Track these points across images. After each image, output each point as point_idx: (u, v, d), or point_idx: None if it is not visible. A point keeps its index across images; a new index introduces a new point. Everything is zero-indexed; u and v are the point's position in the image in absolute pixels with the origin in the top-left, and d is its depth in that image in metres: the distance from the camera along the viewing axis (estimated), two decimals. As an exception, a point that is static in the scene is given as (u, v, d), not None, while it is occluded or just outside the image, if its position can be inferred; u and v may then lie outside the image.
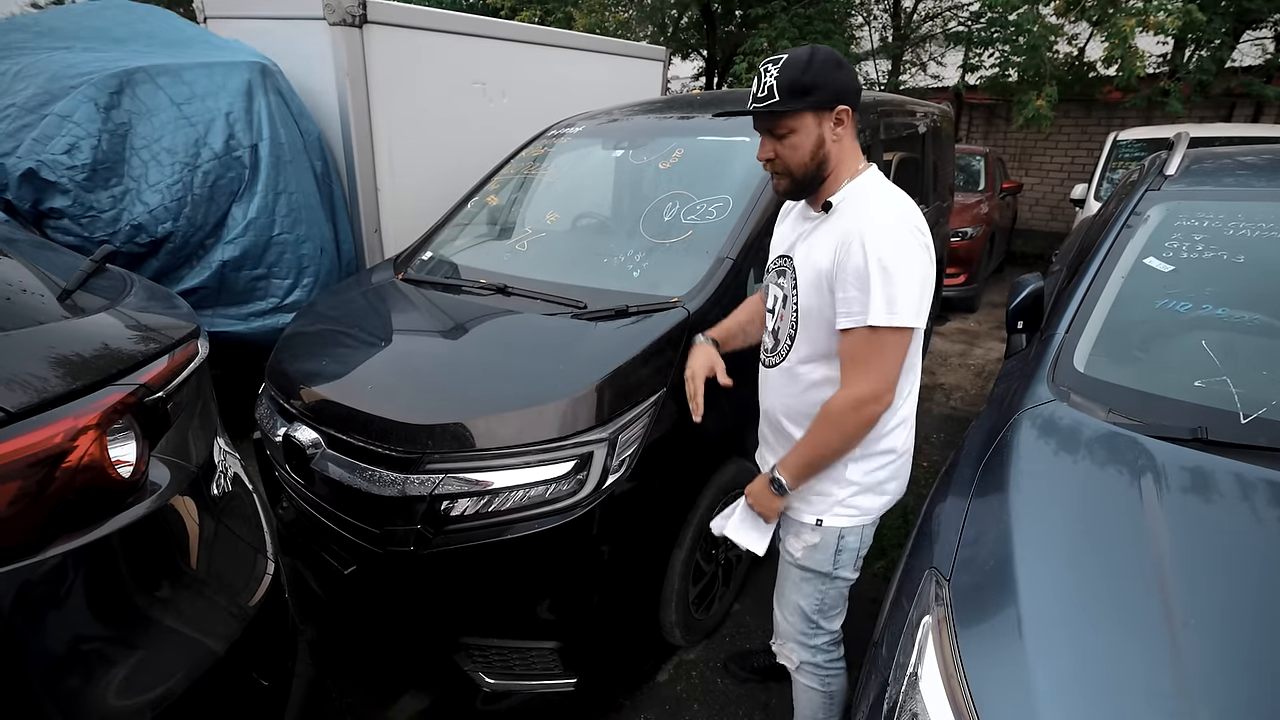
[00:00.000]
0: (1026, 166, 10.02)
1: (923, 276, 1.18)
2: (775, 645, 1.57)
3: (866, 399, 1.20)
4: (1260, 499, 1.12)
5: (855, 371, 1.21)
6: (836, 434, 1.25)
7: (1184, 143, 2.08)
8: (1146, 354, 1.54)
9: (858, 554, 1.40)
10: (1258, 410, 1.27)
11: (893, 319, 1.15)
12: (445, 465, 1.52)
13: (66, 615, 0.77)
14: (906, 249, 1.17)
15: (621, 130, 2.69)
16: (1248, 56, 7.32)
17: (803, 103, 1.19)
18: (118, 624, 0.84)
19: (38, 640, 0.75)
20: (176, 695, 0.84)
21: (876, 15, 10.08)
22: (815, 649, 1.48)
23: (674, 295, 1.85)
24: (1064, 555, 1.06)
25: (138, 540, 0.86)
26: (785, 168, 1.26)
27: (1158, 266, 1.65)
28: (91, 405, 0.80)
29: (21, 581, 0.73)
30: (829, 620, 1.47)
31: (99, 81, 2.42)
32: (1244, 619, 0.94)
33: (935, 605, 1.06)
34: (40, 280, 0.94)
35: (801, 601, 1.45)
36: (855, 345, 1.20)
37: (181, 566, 0.94)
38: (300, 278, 2.95)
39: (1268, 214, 1.66)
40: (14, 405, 0.73)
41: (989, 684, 0.90)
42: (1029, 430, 1.35)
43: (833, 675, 1.51)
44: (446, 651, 1.66)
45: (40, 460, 0.74)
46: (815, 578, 1.42)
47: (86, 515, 0.80)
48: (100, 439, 0.80)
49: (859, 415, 1.22)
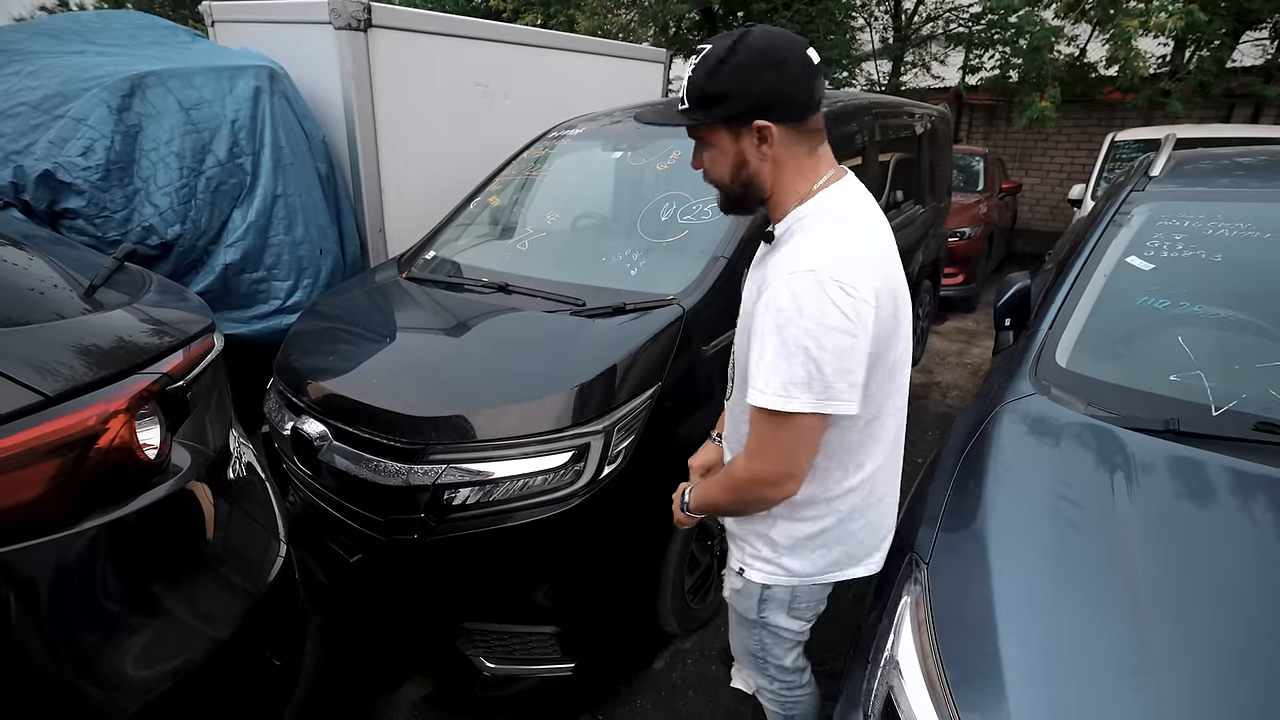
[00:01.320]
0: (1027, 167, 10.05)
1: (832, 346, 0.90)
2: (733, 669, 1.47)
3: (765, 479, 1.01)
4: (1226, 487, 1.16)
5: (756, 445, 1.01)
6: (731, 495, 1.09)
7: (1170, 144, 2.13)
8: (1127, 350, 1.59)
9: (789, 607, 1.21)
10: (1229, 403, 1.32)
11: (770, 400, 0.93)
12: (448, 456, 1.58)
13: (96, 583, 0.83)
14: (823, 316, 0.90)
15: (620, 132, 2.74)
16: (1248, 56, 7.34)
17: (708, 115, 0.97)
18: (142, 594, 0.90)
19: (70, 606, 0.81)
20: (196, 664, 0.90)
21: (877, 16, 10.13)
22: (770, 678, 1.35)
23: (670, 293, 1.91)
24: (1037, 541, 1.11)
25: (161, 517, 0.92)
26: (713, 180, 1.06)
27: (1139, 265, 1.70)
28: (121, 392, 0.86)
29: (58, 551, 0.80)
30: (777, 659, 1.31)
31: (112, 85, 2.49)
32: (1208, 600, 0.99)
33: (913, 586, 1.11)
34: (66, 277, 1.00)
35: (744, 641, 1.34)
36: (756, 418, 0.99)
37: (200, 543, 1.00)
38: (300, 279, 2.99)
39: (1245, 214, 1.70)
40: (52, 391, 0.80)
41: (962, 661, 0.96)
42: (1009, 423, 1.40)
43: (794, 702, 1.38)
44: (449, 636, 1.72)
45: (77, 441, 0.80)
46: (745, 622, 1.29)
47: (116, 493, 0.86)
48: (130, 422, 0.86)
49: (754, 491, 1.04)
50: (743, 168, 1.01)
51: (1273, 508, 1.12)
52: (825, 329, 0.90)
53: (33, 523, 0.77)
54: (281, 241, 2.91)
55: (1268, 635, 0.93)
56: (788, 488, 1.01)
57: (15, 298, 0.88)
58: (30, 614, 0.77)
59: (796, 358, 0.91)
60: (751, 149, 0.99)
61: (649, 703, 1.92)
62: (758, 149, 0.99)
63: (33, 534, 0.76)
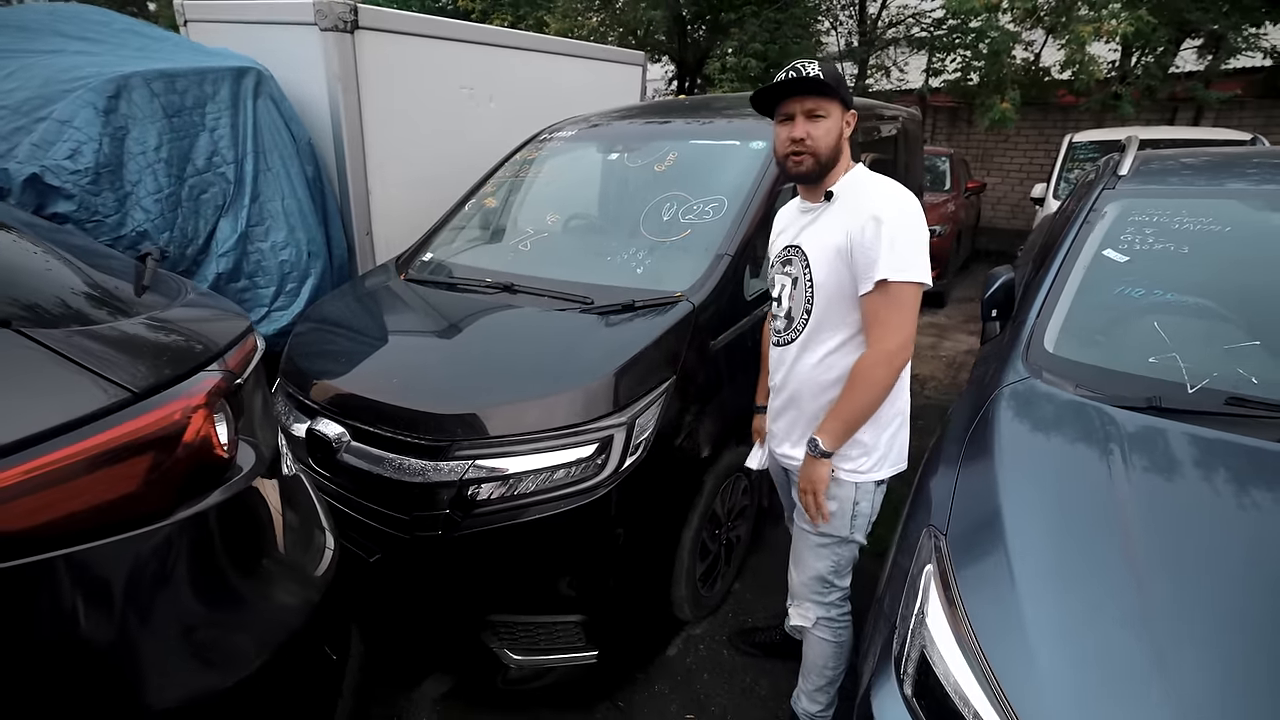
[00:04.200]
0: (988, 167, 10.45)
1: (925, 241, 1.38)
2: (791, 606, 1.72)
3: (894, 351, 1.37)
4: (1205, 455, 1.29)
5: (880, 328, 1.38)
6: (871, 390, 1.40)
7: (1134, 145, 2.28)
8: (1107, 335, 1.72)
9: (869, 519, 1.56)
10: (1202, 381, 1.45)
11: (907, 275, 1.33)
12: (474, 452, 1.61)
13: (191, 571, 0.85)
14: (911, 218, 1.37)
15: (616, 134, 2.80)
16: (1189, 62, 7.80)
17: (842, 93, 1.40)
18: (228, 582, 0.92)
19: (172, 592, 0.83)
20: (279, 644, 0.93)
21: (842, 21, 10.40)
22: (829, 605, 1.63)
23: (677, 290, 1.97)
24: (1044, 507, 1.21)
25: (238, 511, 0.94)
26: (815, 148, 1.41)
27: (1115, 258, 1.83)
28: (198, 387, 0.88)
29: (160, 540, 0.82)
30: (842, 579, 1.63)
31: (97, 86, 2.43)
32: (1193, 549, 1.11)
33: (935, 555, 1.20)
34: (115, 278, 1.01)
35: (819, 565, 1.59)
36: (877, 305, 1.37)
37: (270, 537, 1.02)
38: (284, 284, 2.93)
39: (1207, 210, 1.86)
40: (138, 387, 0.81)
41: (986, 616, 1.04)
42: (1008, 404, 1.50)
43: (843, 626, 1.66)
44: (473, 630, 1.75)
45: (169, 435, 0.82)
46: (833, 543, 1.56)
47: (199, 487, 0.88)
48: (210, 417, 0.88)
49: (890, 367, 1.38)
50: (840, 136, 1.44)
51: (1246, 471, 1.24)
52: (924, 228, 1.38)
53: (136, 515, 0.80)
54: (260, 248, 2.86)
55: (1244, 573, 1.06)
56: (909, 349, 1.40)
57: (81, 298, 0.89)
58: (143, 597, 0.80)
59: (917, 246, 1.35)
60: (844, 127, 1.45)
61: (666, 688, 1.98)
62: (845, 128, 1.46)
63: (136, 525, 0.78)
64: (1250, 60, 7.74)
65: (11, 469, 0.68)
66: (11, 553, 0.71)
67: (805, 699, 1.72)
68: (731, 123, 2.61)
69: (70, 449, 0.73)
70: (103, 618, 0.79)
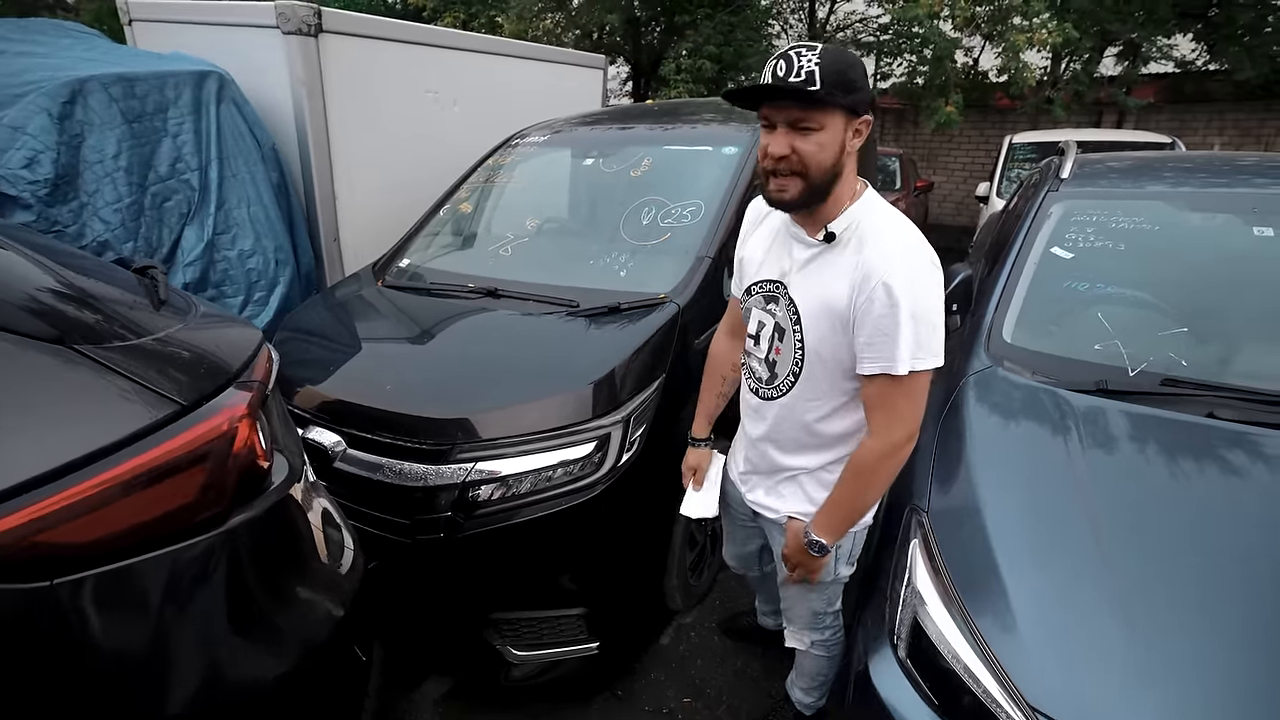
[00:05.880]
0: (934, 166, 10.94)
1: (942, 307, 1.13)
2: (787, 631, 1.61)
3: (900, 444, 1.16)
4: (1145, 430, 1.45)
5: (885, 418, 1.15)
6: (877, 485, 1.22)
7: (1073, 150, 2.49)
8: (1059, 326, 1.88)
9: (851, 554, 1.42)
10: (1140, 365, 1.62)
11: (926, 363, 1.09)
12: (475, 454, 1.65)
13: (241, 575, 0.88)
14: (930, 289, 1.09)
15: (590, 139, 2.85)
16: (1109, 69, 8.40)
17: (845, 99, 1.02)
18: (275, 585, 0.95)
19: (228, 594, 0.86)
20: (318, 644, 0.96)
21: (792, 25, 10.71)
22: (823, 629, 1.56)
23: (662, 291, 2.05)
24: (1014, 481, 1.35)
25: (279, 516, 0.96)
26: (802, 168, 1.07)
27: (1062, 255, 2.01)
28: (236, 399, 0.90)
29: (217, 546, 0.84)
30: (834, 607, 1.55)
31: (51, 91, 2.34)
32: (1139, 502, 1.28)
33: (919, 530, 1.31)
34: (130, 293, 1.02)
35: (812, 604, 1.50)
36: (883, 391, 1.13)
37: (309, 541, 1.04)
38: (252, 293, 2.88)
39: (1139, 210, 2.05)
40: (185, 400, 0.83)
41: (970, 581, 1.16)
42: (974, 391, 1.64)
43: (836, 643, 1.59)
44: (476, 629, 1.79)
45: (220, 445, 0.84)
46: (820, 587, 1.46)
47: (246, 495, 0.90)
48: (254, 426, 0.90)
49: (894, 462, 1.18)
50: (841, 154, 1.07)
51: (1180, 441, 1.42)
52: (940, 299, 1.11)
53: (193, 523, 0.82)
54: (227, 257, 2.80)
55: (1187, 529, 1.23)
56: (914, 439, 1.18)
57: (114, 315, 0.90)
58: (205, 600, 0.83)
59: (937, 321, 1.09)
60: (847, 141, 1.07)
61: (663, 675, 2.06)
62: (849, 141, 1.07)
63: (194, 534, 0.81)
64: (1162, 68, 8.38)
65: (85, 481, 0.70)
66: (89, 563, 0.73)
67: (799, 691, 1.73)
68: (703, 128, 2.70)
69: (136, 460, 0.75)
70: (171, 621, 0.80)
